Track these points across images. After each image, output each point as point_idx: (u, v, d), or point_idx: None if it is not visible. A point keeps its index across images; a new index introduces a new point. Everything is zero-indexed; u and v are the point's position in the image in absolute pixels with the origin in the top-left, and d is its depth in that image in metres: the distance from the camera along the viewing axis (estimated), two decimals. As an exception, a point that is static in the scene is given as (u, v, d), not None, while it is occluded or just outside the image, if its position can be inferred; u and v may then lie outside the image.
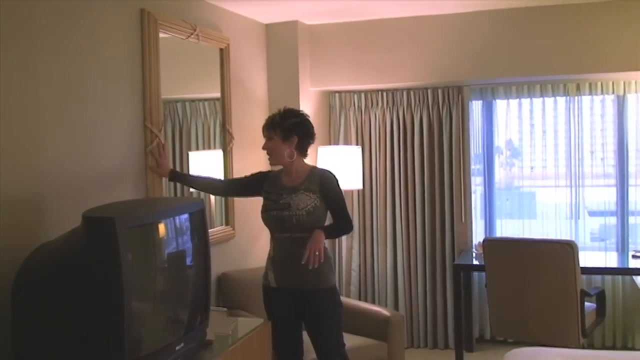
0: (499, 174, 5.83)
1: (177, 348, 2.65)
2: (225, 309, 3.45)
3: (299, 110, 3.67)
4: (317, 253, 3.39)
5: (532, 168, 5.70)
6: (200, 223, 2.94)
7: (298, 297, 3.53)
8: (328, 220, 3.63)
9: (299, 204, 3.49)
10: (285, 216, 3.49)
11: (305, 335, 3.64)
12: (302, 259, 3.38)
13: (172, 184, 3.85)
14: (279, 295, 3.57)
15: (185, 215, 2.85)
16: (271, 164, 3.68)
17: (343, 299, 4.70)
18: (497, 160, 5.81)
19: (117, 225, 2.29)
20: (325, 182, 3.57)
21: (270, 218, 3.56)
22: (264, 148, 3.61)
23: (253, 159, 4.79)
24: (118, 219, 2.32)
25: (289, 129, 3.54)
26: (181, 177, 3.83)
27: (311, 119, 3.66)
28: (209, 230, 3.05)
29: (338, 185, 3.63)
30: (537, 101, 5.56)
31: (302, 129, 3.59)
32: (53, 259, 2.51)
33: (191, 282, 2.92)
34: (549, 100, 5.53)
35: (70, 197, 2.96)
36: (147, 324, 2.55)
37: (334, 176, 3.63)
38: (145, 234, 2.60)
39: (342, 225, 3.66)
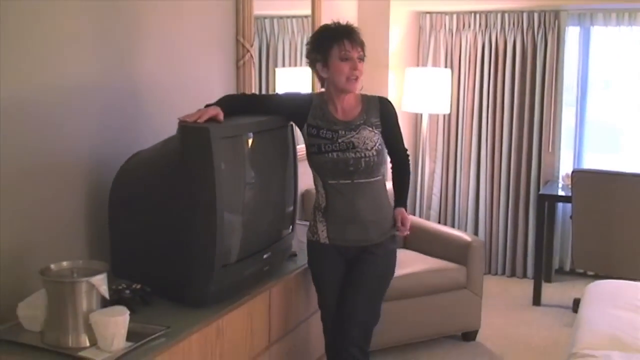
0: (591, 105, 5.63)
1: (264, 257, 2.74)
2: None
3: None
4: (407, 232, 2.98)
5: (626, 102, 5.47)
6: (287, 137, 2.99)
7: (354, 254, 2.93)
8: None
9: (367, 143, 2.83)
10: (349, 159, 2.81)
11: None
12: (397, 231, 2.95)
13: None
14: (331, 252, 2.94)
15: (274, 129, 2.90)
16: (356, 92, 2.89)
17: (423, 221, 4.76)
18: (590, 92, 5.60)
19: (211, 135, 2.36)
20: (387, 112, 2.93)
21: (328, 162, 2.83)
22: (357, 71, 2.81)
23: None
24: (212, 128, 2.40)
25: (364, 48, 2.88)
26: (231, 105, 2.81)
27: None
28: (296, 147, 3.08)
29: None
30: (638, 30, 5.28)
31: None
32: (149, 165, 2.60)
33: (279, 194, 2.99)
34: (651, 30, 5.26)
35: (162, 108, 3.03)
36: (237, 231, 2.63)
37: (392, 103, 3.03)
38: (237, 146, 2.67)
39: (407, 178, 3.06)
